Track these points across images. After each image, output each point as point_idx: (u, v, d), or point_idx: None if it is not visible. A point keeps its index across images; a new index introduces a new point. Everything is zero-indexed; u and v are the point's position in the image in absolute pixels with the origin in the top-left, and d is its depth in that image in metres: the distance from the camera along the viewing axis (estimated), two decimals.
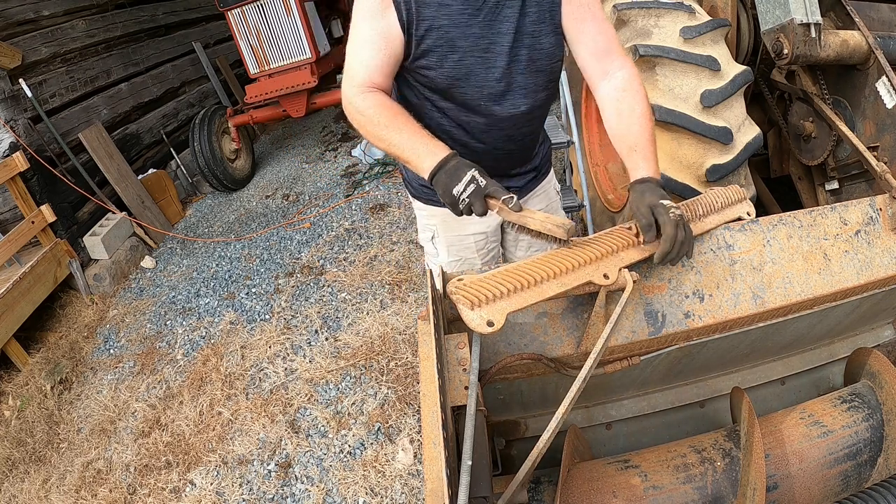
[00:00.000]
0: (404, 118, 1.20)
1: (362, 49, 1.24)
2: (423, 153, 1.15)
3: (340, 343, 3.05)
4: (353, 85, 1.25)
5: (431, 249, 1.74)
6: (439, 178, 1.11)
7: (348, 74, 1.26)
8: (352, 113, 1.25)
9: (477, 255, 1.69)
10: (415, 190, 1.64)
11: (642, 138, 1.24)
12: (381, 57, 1.24)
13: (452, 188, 1.08)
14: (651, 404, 1.37)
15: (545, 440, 0.83)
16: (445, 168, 1.11)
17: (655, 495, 1.02)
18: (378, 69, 1.24)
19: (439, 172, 1.11)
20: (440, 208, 1.58)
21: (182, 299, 3.91)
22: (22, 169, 3.73)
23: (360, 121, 1.23)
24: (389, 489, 2.21)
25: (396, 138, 1.18)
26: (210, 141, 5.13)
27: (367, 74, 1.24)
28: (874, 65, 1.95)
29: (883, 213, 1.21)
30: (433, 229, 1.68)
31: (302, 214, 4.69)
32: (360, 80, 1.24)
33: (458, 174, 1.09)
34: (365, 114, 1.21)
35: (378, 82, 1.25)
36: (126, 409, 3.05)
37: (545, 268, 0.95)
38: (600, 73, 1.32)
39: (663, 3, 2.16)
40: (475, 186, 1.08)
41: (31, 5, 4.37)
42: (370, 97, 1.22)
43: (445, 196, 1.11)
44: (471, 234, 1.64)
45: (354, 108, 1.24)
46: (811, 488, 1.04)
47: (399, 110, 1.21)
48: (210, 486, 2.44)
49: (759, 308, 1.12)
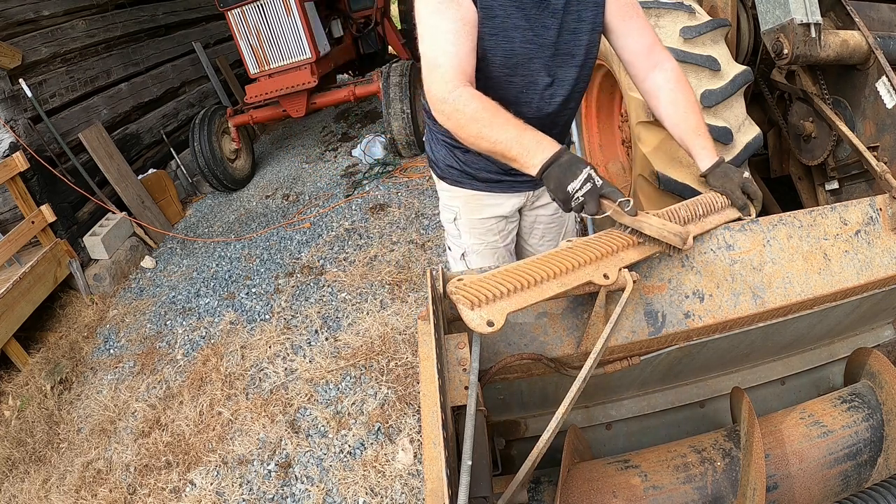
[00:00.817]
0: (505, 114, 1.16)
1: (446, 41, 1.20)
2: (533, 148, 1.11)
3: (340, 343, 3.05)
4: (445, 81, 1.18)
5: (454, 231, 1.77)
6: (552, 172, 1.08)
7: (436, 73, 1.20)
8: (448, 113, 1.19)
9: (498, 236, 1.72)
10: (441, 170, 1.67)
11: (702, 124, 1.34)
12: (469, 44, 1.21)
13: (567, 184, 1.06)
14: (651, 404, 1.36)
15: (545, 440, 0.83)
16: (559, 163, 1.08)
17: (655, 495, 1.02)
18: (467, 57, 1.21)
19: (552, 167, 1.08)
20: (464, 189, 1.63)
21: (182, 299, 3.91)
22: (22, 169, 3.74)
23: (460, 120, 1.17)
24: (389, 489, 2.21)
25: (502, 135, 1.13)
26: (210, 141, 5.13)
27: (458, 67, 1.19)
28: (874, 65, 1.95)
29: (883, 213, 1.21)
30: (455, 211, 1.71)
31: (302, 214, 4.69)
32: (450, 74, 1.19)
33: (574, 171, 1.06)
34: (465, 112, 1.16)
35: (469, 73, 1.21)
36: (126, 409, 3.05)
37: (545, 268, 0.95)
38: (649, 66, 1.38)
39: (663, 3, 2.16)
40: (591, 185, 1.05)
41: (31, 5, 4.37)
42: (466, 93, 1.17)
43: (558, 191, 1.07)
44: (491, 216, 1.67)
45: (451, 106, 1.17)
46: (811, 488, 1.04)
47: (497, 105, 1.17)
48: (210, 486, 2.44)
49: (759, 308, 1.11)
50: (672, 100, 1.36)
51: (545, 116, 1.43)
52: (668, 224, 1.06)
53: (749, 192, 1.24)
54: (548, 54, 1.32)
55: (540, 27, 1.29)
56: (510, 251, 1.79)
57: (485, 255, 1.75)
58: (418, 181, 4.64)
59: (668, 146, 2.06)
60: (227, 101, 6.63)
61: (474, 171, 1.58)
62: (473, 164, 1.57)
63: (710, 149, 1.32)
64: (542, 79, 1.35)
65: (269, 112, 5.20)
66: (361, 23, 5.78)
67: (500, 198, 1.64)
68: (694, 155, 1.34)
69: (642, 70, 1.40)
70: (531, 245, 1.86)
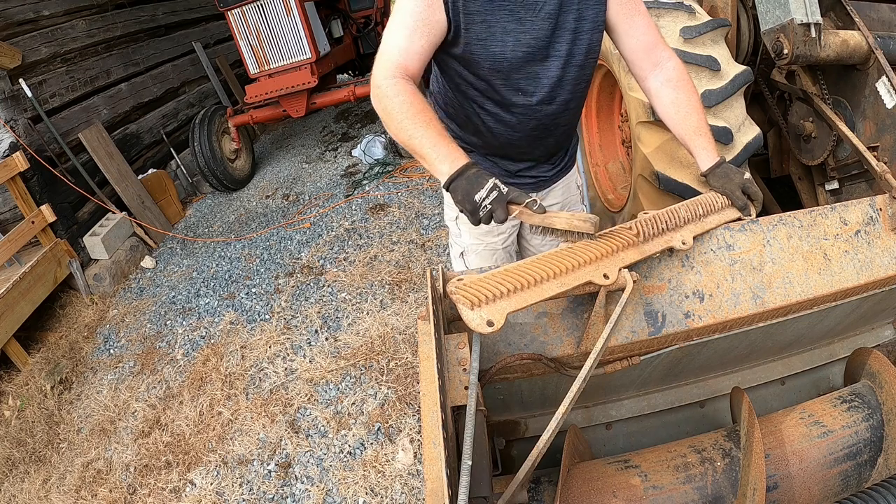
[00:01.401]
0: (430, 115, 1.19)
1: (400, 33, 1.24)
2: (443, 155, 1.14)
3: (340, 343, 3.05)
4: (386, 68, 1.23)
5: (455, 229, 1.78)
6: (458, 183, 1.11)
7: (383, 58, 1.25)
8: (379, 97, 1.23)
9: (498, 238, 1.73)
10: None
11: (704, 123, 1.34)
12: (422, 43, 1.24)
13: (474, 194, 1.08)
14: (651, 404, 1.36)
15: (545, 440, 0.83)
16: (466, 175, 1.11)
17: (655, 495, 1.02)
18: (416, 54, 1.24)
19: (459, 179, 1.11)
20: None
21: (182, 299, 3.91)
22: (22, 169, 3.73)
23: (386, 107, 1.21)
24: (389, 489, 2.21)
25: (419, 134, 1.17)
26: (210, 141, 5.13)
27: (402, 59, 1.23)
28: (874, 65, 1.95)
29: (883, 213, 1.21)
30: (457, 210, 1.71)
31: (302, 214, 4.69)
32: (393, 64, 1.23)
33: (480, 181, 1.09)
34: (392, 101, 1.20)
35: (412, 69, 1.24)
36: (126, 409, 3.05)
37: (545, 268, 0.95)
38: (651, 65, 1.38)
39: (663, 3, 2.16)
40: (497, 193, 1.07)
41: (31, 5, 4.37)
42: (400, 85, 1.21)
43: (466, 202, 1.10)
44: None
45: (382, 92, 1.22)
46: (811, 488, 1.04)
47: (426, 106, 1.20)
48: (210, 486, 2.44)
49: (759, 308, 1.11)
50: (673, 100, 1.36)
51: (545, 118, 1.43)
52: (575, 214, 1.07)
53: (749, 192, 1.25)
54: (544, 56, 1.31)
55: (535, 29, 1.28)
56: (510, 253, 1.79)
57: (483, 256, 1.75)
58: (418, 181, 4.64)
59: (668, 146, 2.06)
60: (227, 101, 6.63)
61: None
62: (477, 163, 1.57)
63: (710, 149, 1.32)
64: (540, 81, 1.35)
65: (269, 112, 5.20)
66: (361, 23, 5.77)
67: None
68: (695, 155, 1.34)
69: (644, 69, 1.39)
70: (534, 246, 1.86)
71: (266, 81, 4.84)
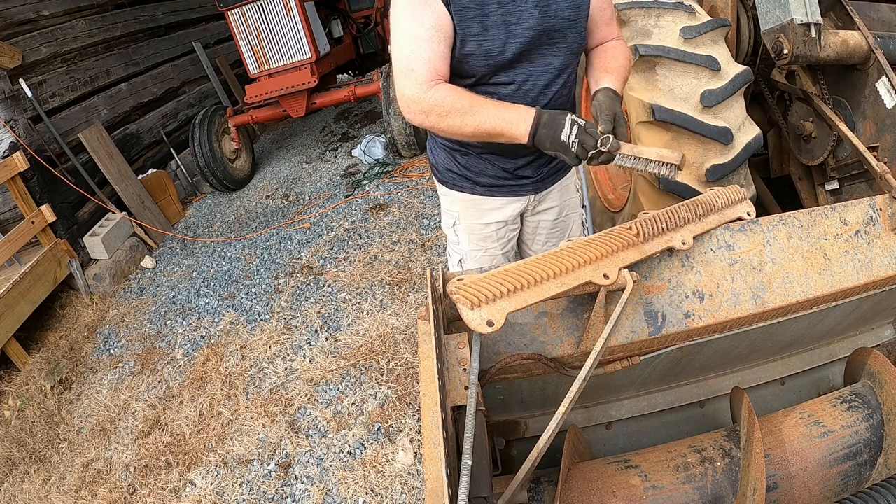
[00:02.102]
0: (480, 97, 1.22)
1: (419, 47, 1.24)
2: (515, 120, 1.19)
3: (340, 343, 3.05)
4: (418, 83, 1.24)
5: (452, 236, 1.77)
6: (541, 133, 1.16)
7: (410, 77, 1.25)
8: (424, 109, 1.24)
9: (497, 243, 1.71)
10: (441, 174, 1.66)
11: (616, 69, 1.38)
12: (443, 48, 1.25)
13: (560, 135, 1.14)
14: (651, 404, 1.36)
15: (545, 440, 0.83)
16: (542, 122, 1.16)
17: (655, 495, 1.02)
18: (442, 59, 1.25)
19: (538, 129, 1.17)
20: (464, 194, 1.63)
21: (182, 299, 3.91)
22: (22, 169, 3.74)
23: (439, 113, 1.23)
24: (389, 489, 2.21)
25: (483, 116, 1.21)
26: (210, 141, 5.13)
27: (432, 70, 1.24)
28: (874, 65, 1.95)
29: (883, 213, 1.21)
30: (455, 216, 1.70)
31: (302, 214, 4.69)
32: (424, 77, 1.24)
33: (558, 122, 1.15)
34: (442, 105, 1.22)
35: (443, 73, 1.26)
36: (126, 409, 3.05)
37: (545, 268, 0.95)
38: (598, 40, 1.46)
39: (663, 3, 2.16)
40: (577, 126, 1.15)
41: (31, 5, 4.37)
42: (440, 89, 1.23)
43: (556, 145, 1.16)
44: (491, 221, 1.66)
45: (427, 103, 1.23)
46: (811, 488, 1.04)
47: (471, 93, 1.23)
48: (210, 486, 2.44)
49: (759, 308, 1.11)
50: (599, 54, 1.44)
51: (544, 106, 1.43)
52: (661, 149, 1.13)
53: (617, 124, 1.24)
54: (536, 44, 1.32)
55: (525, 18, 1.28)
56: (508, 259, 1.78)
57: (482, 262, 1.73)
58: (418, 181, 4.64)
59: (668, 146, 2.05)
60: (227, 101, 6.63)
61: (474, 174, 1.57)
62: (473, 167, 1.56)
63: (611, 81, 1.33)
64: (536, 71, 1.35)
65: (269, 112, 5.20)
66: (361, 23, 5.77)
67: (501, 202, 1.62)
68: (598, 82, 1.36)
69: (592, 42, 1.47)
70: (534, 251, 1.84)
71: (266, 81, 4.85)
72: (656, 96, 2.01)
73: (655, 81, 2.04)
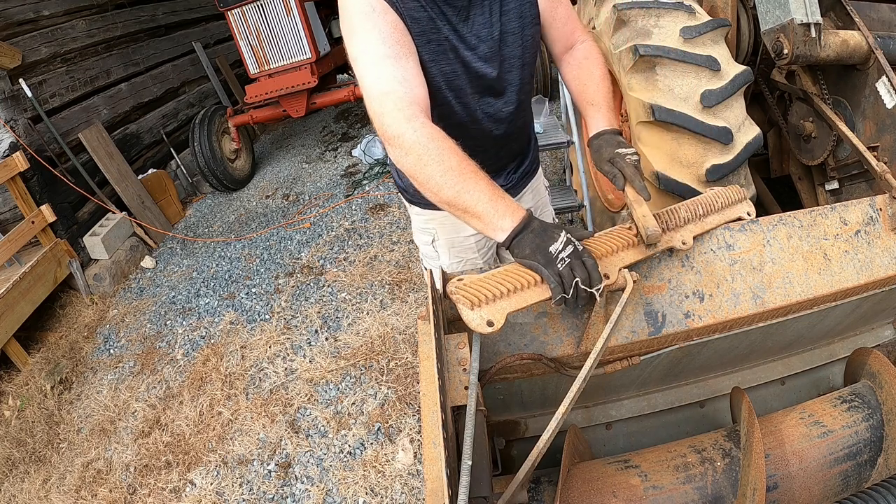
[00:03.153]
0: (473, 164, 1.03)
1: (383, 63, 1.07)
2: (502, 210, 1.00)
3: (340, 343, 3.05)
4: (399, 110, 1.04)
5: (431, 252, 1.73)
6: (525, 237, 0.98)
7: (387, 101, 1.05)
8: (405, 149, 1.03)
9: (478, 253, 1.69)
10: (411, 195, 1.62)
11: (598, 95, 1.32)
12: (411, 64, 1.10)
13: (548, 246, 0.95)
14: (651, 404, 1.36)
15: (545, 440, 0.83)
16: (531, 228, 0.99)
17: (655, 495, 1.02)
18: (415, 78, 1.10)
19: (524, 232, 0.99)
20: (438, 211, 1.58)
21: (182, 299, 3.91)
22: (22, 169, 3.74)
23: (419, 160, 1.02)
24: (389, 489, 2.21)
25: (470, 188, 1.00)
26: (210, 141, 5.13)
27: (406, 91, 1.07)
28: (874, 65, 1.95)
29: (883, 213, 1.21)
30: (432, 233, 1.67)
31: (302, 214, 4.69)
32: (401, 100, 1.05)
33: (550, 233, 0.97)
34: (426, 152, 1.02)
35: (421, 98, 1.09)
36: (126, 409, 3.05)
37: None
38: (565, 49, 1.42)
39: (663, 3, 2.16)
40: (573, 248, 0.95)
41: (31, 5, 4.37)
42: (426, 129, 1.03)
43: (536, 254, 0.95)
44: (472, 234, 1.64)
45: (408, 142, 1.03)
46: (811, 488, 1.04)
47: (463, 153, 1.04)
48: (210, 486, 2.44)
49: (759, 308, 1.11)
50: (576, 75, 1.39)
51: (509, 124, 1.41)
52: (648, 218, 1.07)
53: (617, 165, 1.15)
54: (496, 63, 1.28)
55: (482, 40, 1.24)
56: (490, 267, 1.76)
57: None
58: None
59: (669, 146, 2.06)
60: (227, 101, 6.63)
61: None
62: None
63: (599, 119, 1.28)
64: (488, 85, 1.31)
65: (269, 112, 5.20)
66: None
67: None
68: (587, 124, 1.32)
69: (560, 54, 1.43)
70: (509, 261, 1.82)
71: (266, 81, 4.85)
72: (656, 96, 2.01)
73: (655, 81, 2.04)
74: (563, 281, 0.92)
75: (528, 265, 0.96)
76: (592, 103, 1.32)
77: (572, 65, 1.40)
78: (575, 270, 0.92)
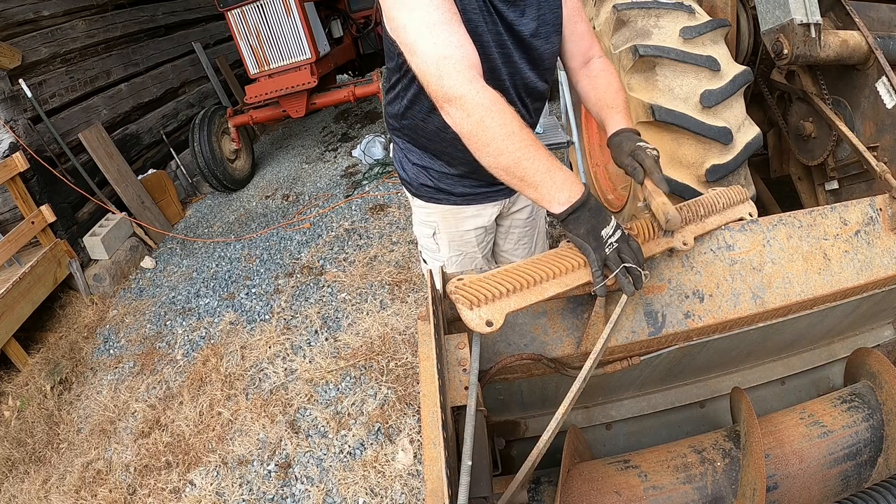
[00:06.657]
0: (532, 132, 1.03)
1: (439, 30, 1.04)
2: (560, 182, 1.00)
3: (340, 343, 3.05)
4: (458, 71, 1.02)
5: (432, 245, 1.74)
6: (581, 215, 0.99)
7: (442, 63, 1.03)
8: (467, 110, 1.02)
9: (478, 248, 1.71)
10: (415, 189, 1.63)
11: (617, 100, 1.33)
12: (463, 28, 1.09)
13: (601, 229, 0.98)
14: (651, 404, 1.36)
15: (545, 440, 0.83)
16: (589, 206, 1.00)
17: (655, 495, 1.02)
18: (469, 43, 1.08)
19: (581, 209, 0.99)
20: (440, 205, 1.60)
21: (182, 299, 3.91)
22: (22, 169, 3.74)
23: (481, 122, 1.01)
24: (389, 489, 2.21)
25: (530, 155, 1.00)
26: (210, 141, 5.13)
27: (465, 54, 1.05)
28: (874, 65, 1.95)
29: (883, 213, 1.21)
30: (434, 226, 1.68)
31: (302, 214, 4.69)
32: (463, 65, 1.03)
33: (605, 216, 1.00)
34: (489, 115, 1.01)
35: (476, 61, 1.07)
36: (126, 409, 3.05)
37: (545, 268, 0.95)
38: (581, 64, 1.44)
39: (663, 3, 2.16)
40: (621, 233, 0.99)
41: (31, 5, 4.37)
42: (489, 93, 1.02)
43: (590, 236, 0.98)
44: (471, 228, 1.65)
45: (470, 104, 1.01)
46: (811, 488, 1.04)
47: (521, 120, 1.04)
48: (210, 486, 2.44)
49: (759, 308, 1.11)
50: (592, 86, 1.40)
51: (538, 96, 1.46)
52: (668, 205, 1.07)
53: (637, 158, 1.15)
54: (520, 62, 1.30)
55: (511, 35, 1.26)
56: (487, 259, 1.78)
57: (463, 267, 1.72)
58: None
59: (669, 146, 2.05)
60: (227, 101, 6.63)
61: (449, 187, 1.56)
62: (448, 181, 1.55)
63: (618, 120, 1.29)
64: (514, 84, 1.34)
65: (269, 112, 5.20)
66: (361, 23, 5.77)
67: (478, 208, 1.62)
68: (606, 125, 1.31)
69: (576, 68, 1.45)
70: (506, 251, 1.84)
71: (266, 82, 4.85)
72: (656, 96, 2.01)
73: (655, 81, 2.04)
74: (609, 265, 0.96)
75: (578, 244, 1.00)
76: (612, 107, 1.33)
77: (590, 77, 1.41)
78: (623, 255, 0.97)
